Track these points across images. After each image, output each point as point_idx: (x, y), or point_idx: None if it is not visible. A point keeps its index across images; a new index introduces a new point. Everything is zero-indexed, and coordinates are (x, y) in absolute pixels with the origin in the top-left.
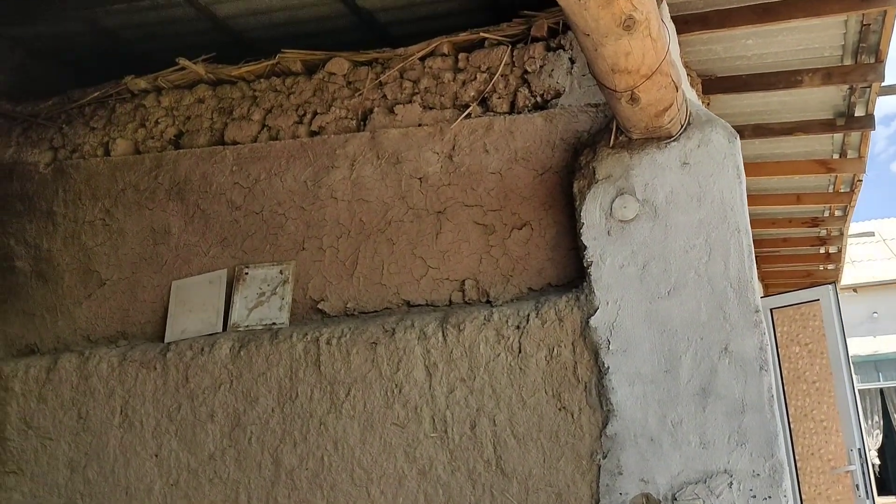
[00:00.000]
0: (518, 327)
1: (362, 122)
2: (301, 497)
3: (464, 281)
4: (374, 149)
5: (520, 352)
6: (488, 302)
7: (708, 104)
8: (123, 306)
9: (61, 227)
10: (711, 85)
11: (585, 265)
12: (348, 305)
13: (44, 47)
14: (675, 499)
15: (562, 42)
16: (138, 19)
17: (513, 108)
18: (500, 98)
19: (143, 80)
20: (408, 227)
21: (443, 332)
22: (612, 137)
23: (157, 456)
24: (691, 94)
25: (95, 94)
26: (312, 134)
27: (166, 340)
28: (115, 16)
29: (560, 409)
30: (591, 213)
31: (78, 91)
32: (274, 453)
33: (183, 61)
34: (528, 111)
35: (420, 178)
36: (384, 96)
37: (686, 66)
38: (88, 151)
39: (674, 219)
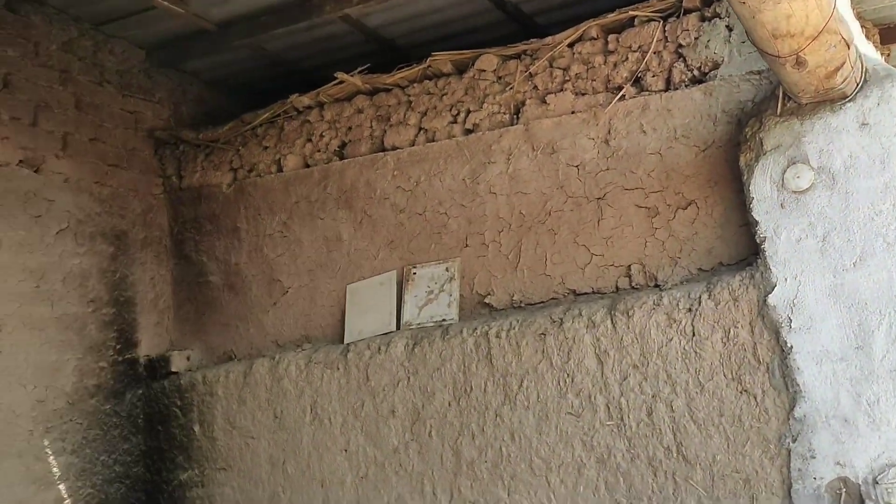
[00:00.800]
0: (690, 310)
1: (515, 116)
2: (483, 487)
3: (629, 266)
4: (529, 141)
5: (693, 335)
6: (656, 286)
7: (888, 56)
8: (305, 311)
9: (245, 241)
10: (890, 34)
11: (758, 241)
12: (514, 298)
13: (217, 77)
14: (877, 482)
15: (717, 10)
16: (298, 40)
17: (669, 85)
18: (654, 76)
19: (307, 97)
20: (568, 216)
21: (612, 320)
22: (779, 105)
23: (346, 451)
24: (867, 48)
25: (265, 116)
26: (467, 132)
27: (345, 341)
28: (277, 40)
29: (741, 393)
30: (761, 187)
31: (250, 114)
32: (454, 445)
33: (341, 75)
34: (686, 86)
35: (577, 166)
36: (535, 87)
37: (858, 17)
38: (263, 169)
39: (854, 185)
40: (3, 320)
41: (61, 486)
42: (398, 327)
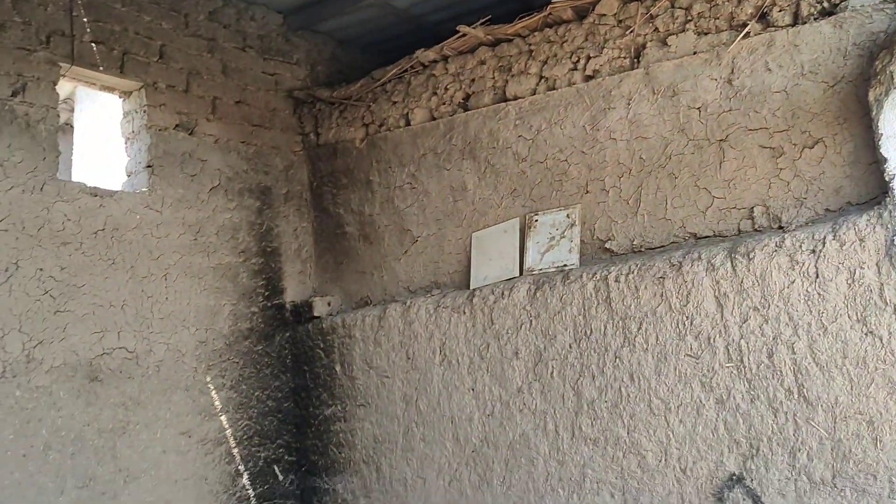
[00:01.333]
0: (813, 251)
1: (635, 60)
2: (603, 426)
3: (752, 208)
4: (649, 84)
5: (817, 276)
6: (780, 228)
7: None
8: (433, 259)
9: (377, 193)
10: None
11: (887, 179)
12: (634, 242)
13: (349, 36)
14: None
15: None
16: None
17: (796, 20)
18: (780, 11)
19: (432, 51)
20: (689, 160)
21: (731, 262)
22: None
23: (473, 390)
24: None
25: (393, 71)
26: (587, 78)
27: (471, 287)
28: None
29: (866, 334)
30: (891, 122)
31: (379, 71)
32: (575, 386)
33: (463, 28)
34: (814, 19)
35: (698, 108)
36: (656, 29)
37: None
38: (392, 123)
39: None
40: (167, 270)
41: (223, 418)
42: (521, 273)
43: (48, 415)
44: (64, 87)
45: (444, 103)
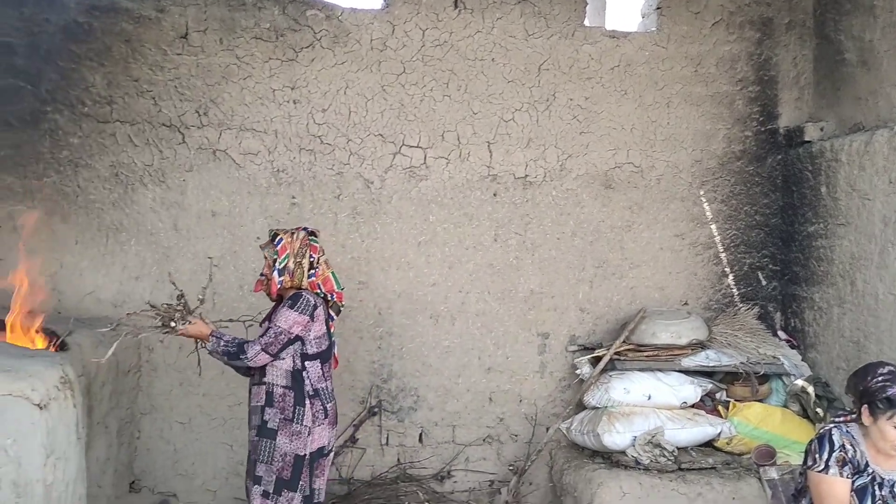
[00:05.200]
0: None
1: None
2: None
3: None
4: None
5: None
6: None
7: None
8: None
9: (879, 18)
10: None
11: None
12: None
13: None
14: None
15: None
16: None
17: None
18: None
19: None
20: None
21: None
22: None
23: None
24: None
25: None
26: None
27: None
28: None
29: None
30: None
31: None
32: None
33: None
34: None
35: None
36: None
37: None
38: None
39: None
40: (669, 98)
41: (712, 226)
42: None
43: (574, 211)
44: None
45: None
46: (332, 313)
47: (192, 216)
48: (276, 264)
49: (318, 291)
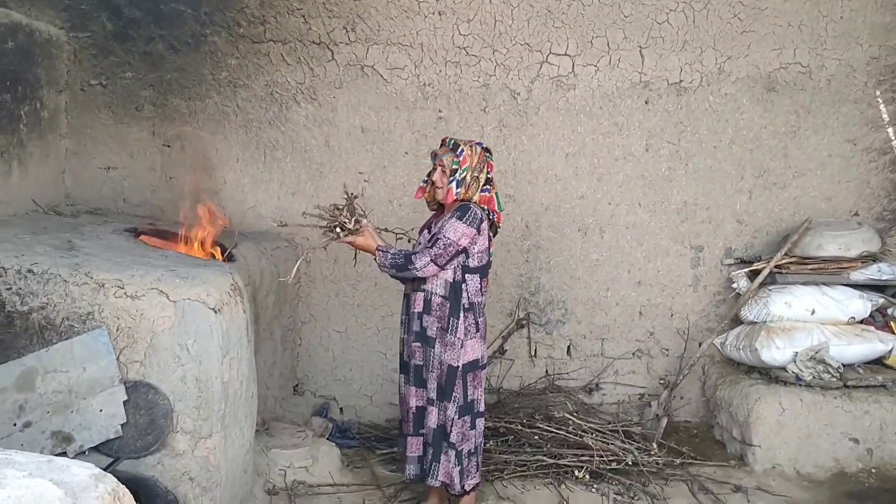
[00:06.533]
0: None
1: None
2: None
3: None
4: None
5: None
6: None
7: None
8: None
9: None
10: None
11: None
12: None
13: None
14: None
15: None
16: None
17: None
18: None
19: None
20: None
21: None
22: None
23: None
24: None
25: None
26: None
27: None
28: None
29: None
30: None
31: None
32: None
33: None
34: None
35: None
36: None
37: None
38: None
39: None
40: None
41: (889, 130)
42: None
43: (732, 117)
44: None
45: None
46: (490, 233)
47: (342, 132)
48: (457, 174)
49: (485, 207)
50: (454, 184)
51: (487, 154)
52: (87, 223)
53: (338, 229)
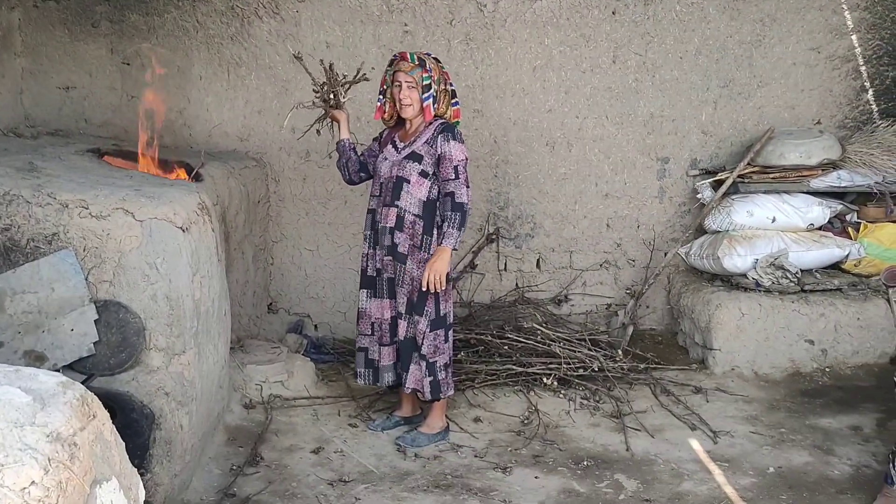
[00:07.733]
0: None
1: None
2: None
3: None
4: None
5: None
6: None
7: None
8: None
9: None
10: None
11: None
12: None
13: None
14: None
15: None
16: None
17: None
18: None
19: None
20: None
21: None
22: None
23: None
24: None
25: None
26: None
27: None
28: None
29: None
30: None
31: None
32: None
33: None
34: None
35: None
36: None
37: None
38: None
39: None
40: None
41: (853, 37)
42: None
43: (699, 27)
44: None
45: None
46: None
47: (307, 48)
48: (431, 90)
49: (459, 121)
50: (430, 99)
51: (441, 64)
52: (49, 144)
53: (332, 95)
